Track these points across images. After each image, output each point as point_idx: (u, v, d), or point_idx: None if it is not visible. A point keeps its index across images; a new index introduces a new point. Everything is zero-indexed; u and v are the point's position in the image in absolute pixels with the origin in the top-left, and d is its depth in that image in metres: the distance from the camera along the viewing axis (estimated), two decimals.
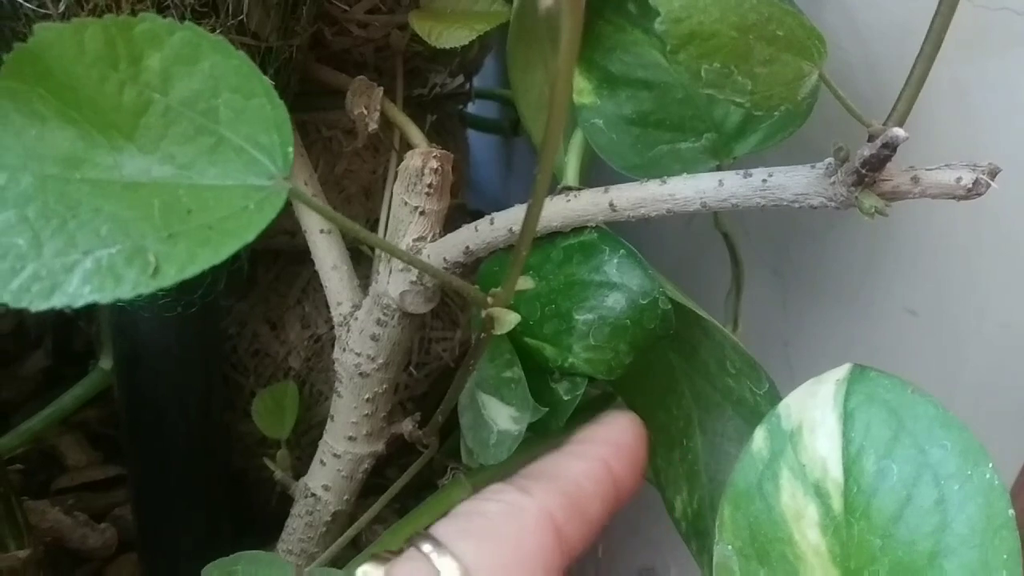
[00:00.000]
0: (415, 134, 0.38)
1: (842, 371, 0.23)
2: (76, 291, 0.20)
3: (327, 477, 0.39)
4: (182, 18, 0.30)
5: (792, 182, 0.28)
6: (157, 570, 0.46)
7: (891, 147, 0.26)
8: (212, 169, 0.22)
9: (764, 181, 0.28)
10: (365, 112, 0.38)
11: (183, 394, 0.41)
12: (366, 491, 0.41)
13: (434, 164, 0.35)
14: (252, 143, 0.22)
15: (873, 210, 0.27)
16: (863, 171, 0.26)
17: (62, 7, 0.29)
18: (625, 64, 0.39)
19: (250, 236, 0.21)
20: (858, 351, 0.51)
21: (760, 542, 0.21)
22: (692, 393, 0.39)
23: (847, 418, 0.21)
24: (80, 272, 0.21)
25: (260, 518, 0.48)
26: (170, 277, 0.21)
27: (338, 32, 0.39)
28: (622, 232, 0.33)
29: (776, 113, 0.35)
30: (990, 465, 0.19)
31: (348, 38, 0.39)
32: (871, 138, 0.26)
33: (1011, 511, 0.18)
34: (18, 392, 0.54)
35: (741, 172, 0.29)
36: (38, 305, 0.20)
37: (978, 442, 0.20)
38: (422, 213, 0.35)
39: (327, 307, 0.40)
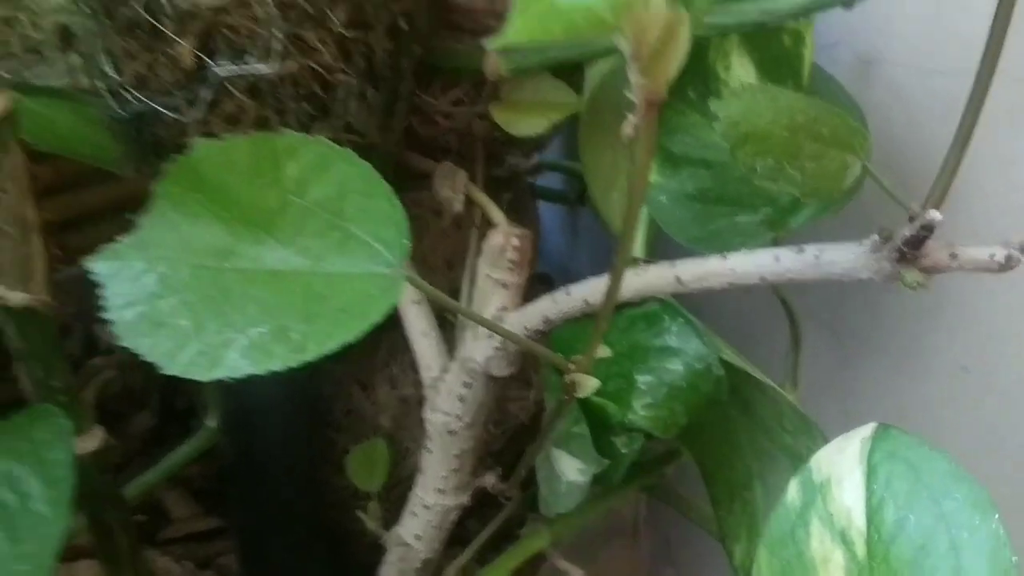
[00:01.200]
0: (495, 213, 0.42)
1: (867, 430, 0.25)
2: (234, 364, 0.24)
3: (418, 527, 0.43)
4: (300, 123, 0.34)
5: (842, 258, 0.31)
6: None
7: (928, 228, 0.29)
8: (341, 260, 0.26)
9: (816, 257, 0.32)
10: (451, 194, 0.42)
11: (286, 449, 0.45)
12: (449, 541, 0.45)
13: (515, 242, 0.38)
14: (374, 237, 0.26)
15: (915, 284, 0.30)
16: (904, 249, 0.30)
17: (197, 114, 0.34)
18: (686, 145, 0.43)
19: (377, 318, 0.25)
20: (912, 407, 0.53)
21: None
22: (752, 448, 0.42)
23: (870, 472, 0.24)
24: (237, 349, 0.25)
25: (352, 567, 0.51)
26: (313, 353, 0.25)
27: (426, 123, 0.43)
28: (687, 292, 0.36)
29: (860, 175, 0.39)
30: (996, 516, 0.22)
31: (435, 128, 0.44)
32: (911, 219, 0.30)
33: (1015, 558, 0.21)
34: (126, 450, 0.58)
35: (795, 248, 0.32)
36: (203, 376, 0.24)
37: (986, 494, 0.22)
38: (504, 286, 0.39)
39: (413, 369, 0.44)
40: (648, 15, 0.18)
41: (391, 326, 0.44)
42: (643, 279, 0.35)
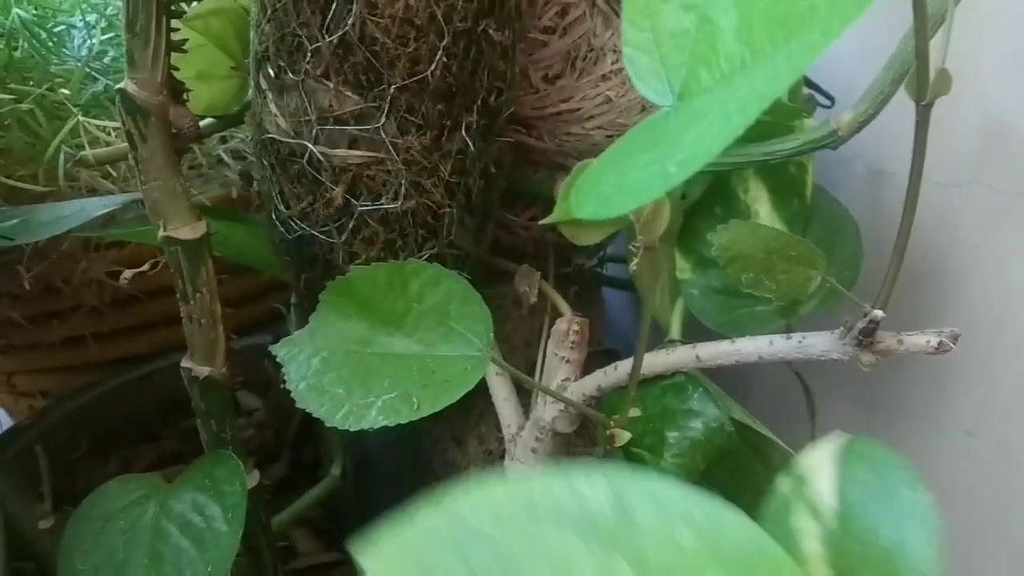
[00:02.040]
0: (562, 304, 0.53)
1: (840, 438, 0.35)
2: (374, 419, 0.36)
3: None
4: (416, 243, 0.46)
5: (818, 343, 0.42)
6: None
7: (875, 322, 0.39)
8: (446, 346, 0.38)
9: (800, 342, 0.42)
10: (528, 290, 0.54)
11: (394, 494, 0.57)
12: None
13: (576, 327, 0.50)
14: (469, 330, 0.38)
15: (870, 365, 0.41)
16: (860, 337, 0.40)
17: (343, 237, 0.46)
18: (711, 251, 0.53)
19: (470, 386, 0.37)
20: (921, 466, 0.62)
21: None
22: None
23: (841, 465, 0.33)
24: (375, 408, 0.36)
25: None
26: (426, 411, 0.36)
27: (509, 234, 0.55)
28: (722, 369, 0.47)
29: (828, 285, 0.49)
30: (926, 491, 0.31)
31: (515, 238, 0.56)
32: (864, 315, 0.40)
33: (939, 522, 0.30)
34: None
35: (785, 335, 0.43)
36: (354, 427, 0.36)
37: (918, 475, 0.32)
38: (567, 361, 0.50)
39: (498, 428, 0.55)
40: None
41: (480, 393, 0.56)
42: (672, 357, 0.46)
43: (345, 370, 0.38)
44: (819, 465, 0.35)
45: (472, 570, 0.24)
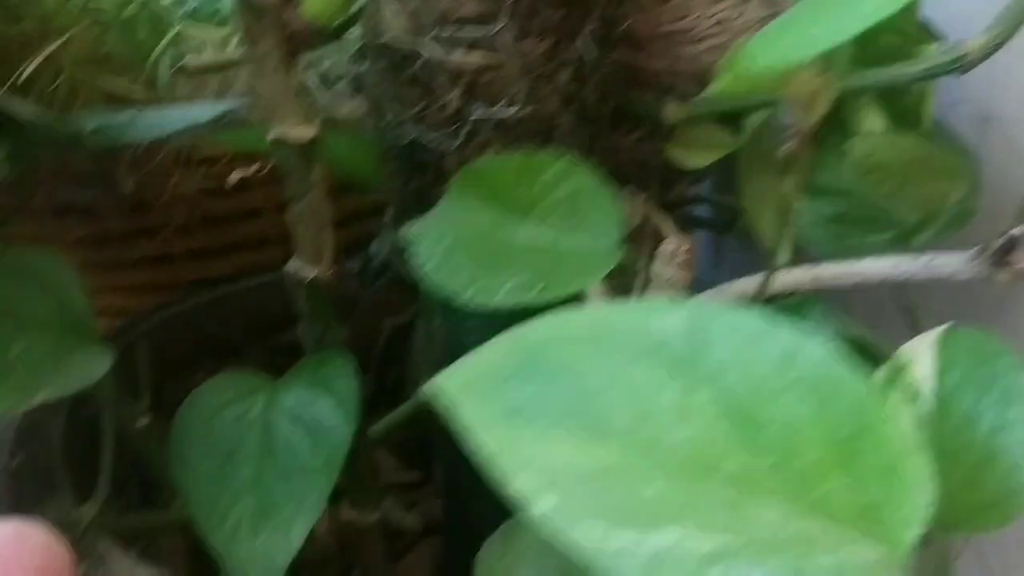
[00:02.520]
0: (667, 227, 0.53)
1: (941, 328, 0.35)
2: (502, 299, 0.36)
3: None
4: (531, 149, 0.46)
5: (950, 262, 0.41)
6: (458, 547, 0.61)
7: (1013, 240, 0.38)
8: (573, 238, 0.38)
9: (929, 262, 0.41)
10: (631, 211, 0.54)
11: None
12: None
13: (685, 247, 0.49)
14: (597, 224, 0.38)
15: (1005, 282, 0.40)
16: (998, 256, 0.39)
17: (457, 143, 0.46)
18: (824, 179, 0.53)
19: (597, 276, 0.36)
20: None
21: None
22: None
23: (942, 353, 0.33)
24: (503, 290, 0.36)
25: None
26: (555, 292, 0.36)
27: (611, 156, 0.55)
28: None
29: (947, 214, 0.49)
30: None
31: (618, 159, 0.55)
32: (1002, 235, 0.39)
33: None
34: None
35: (912, 256, 0.42)
36: (486, 303, 0.36)
37: (1020, 359, 0.31)
38: (672, 284, 0.50)
39: None
40: (805, 79, 0.28)
41: None
42: (792, 276, 0.45)
43: (473, 252, 0.38)
44: (919, 353, 0.34)
45: (545, 398, 0.24)
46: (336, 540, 0.62)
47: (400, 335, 0.74)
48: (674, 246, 0.49)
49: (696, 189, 0.74)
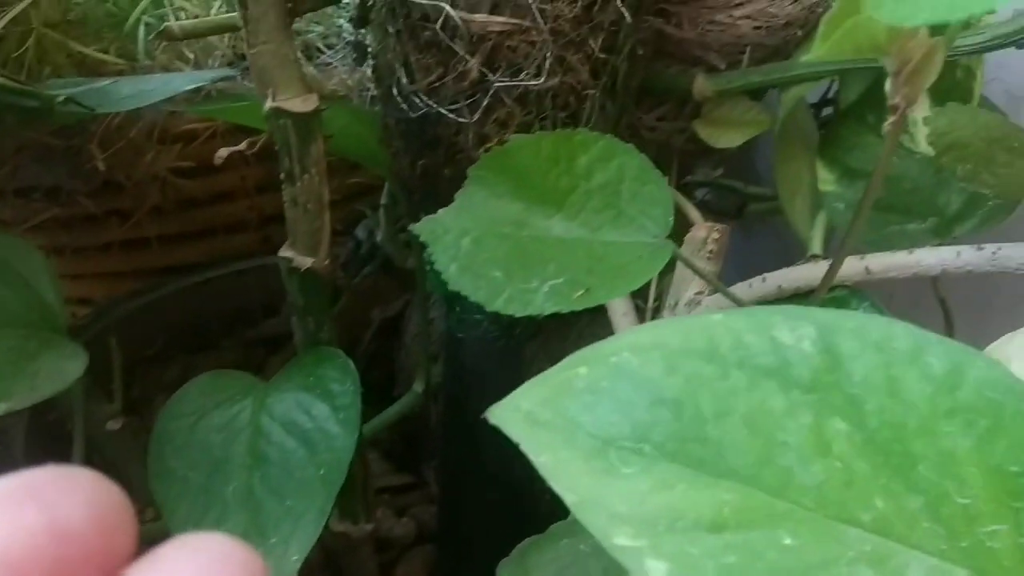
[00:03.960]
0: (693, 212, 0.49)
1: None
2: (541, 305, 0.32)
3: None
4: (553, 127, 0.41)
5: (1017, 254, 0.37)
6: (452, 557, 0.57)
7: None
8: (615, 231, 0.34)
9: (994, 253, 0.37)
10: None
11: (488, 403, 0.52)
12: None
13: (715, 235, 0.45)
14: (643, 213, 0.33)
15: None
16: None
17: (475, 117, 0.41)
18: (862, 161, 0.49)
19: (647, 277, 0.32)
20: None
21: None
22: None
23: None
24: (541, 294, 0.32)
25: (531, 523, 0.58)
26: (600, 298, 0.31)
27: (634, 135, 0.50)
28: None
29: (991, 203, 0.45)
30: None
31: (640, 139, 0.51)
32: None
33: None
34: None
35: (975, 245, 0.38)
36: (519, 312, 0.31)
37: None
38: (702, 275, 0.45)
39: None
40: (915, 41, 0.24)
41: (587, 315, 0.51)
42: (842, 268, 0.41)
43: (500, 253, 0.33)
44: (1013, 351, 0.30)
45: (644, 428, 0.20)
46: (325, 553, 0.57)
47: (389, 327, 0.69)
48: (705, 233, 0.45)
49: (704, 173, 0.70)
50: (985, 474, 0.19)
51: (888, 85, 0.27)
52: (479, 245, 0.33)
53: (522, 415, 0.22)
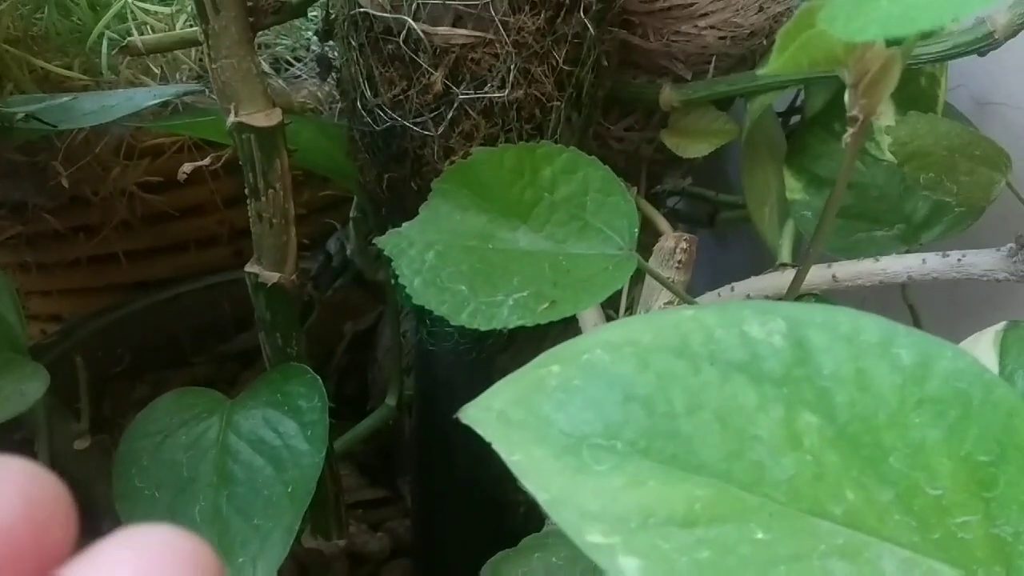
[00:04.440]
0: (662, 222, 0.49)
1: (999, 325, 0.31)
2: (506, 318, 0.31)
3: None
4: (519, 139, 0.41)
5: (981, 261, 0.37)
6: (428, 571, 0.56)
7: None
8: (580, 244, 0.33)
9: (959, 260, 0.38)
10: None
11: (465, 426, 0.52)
12: None
13: (684, 245, 0.45)
14: (608, 226, 0.33)
15: None
16: None
17: (440, 130, 0.41)
18: (829, 169, 0.49)
19: (613, 288, 0.32)
20: None
21: None
22: None
23: (1003, 352, 0.29)
24: (506, 308, 0.32)
25: (510, 531, 0.58)
26: (567, 311, 0.31)
27: (602, 145, 0.50)
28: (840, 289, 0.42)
29: (956, 210, 0.45)
30: None
31: (608, 150, 0.51)
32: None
33: None
34: None
35: (940, 253, 0.38)
36: (484, 326, 0.31)
37: None
38: (670, 286, 0.45)
39: None
40: (872, 53, 0.24)
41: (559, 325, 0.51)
42: (808, 276, 0.41)
43: (465, 266, 0.33)
44: (980, 352, 0.30)
45: (616, 425, 0.20)
46: (300, 569, 0.57)
47: (362, 340, 0.69)
48: (673, 243, 0.45)
49: (673, 182, 0.71)
50: (955, 464, 0.19)
51: (847, 96, 0.27)
52: (443, 259, 0.33)
53: (494, 414, 0.21)
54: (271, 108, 0.42)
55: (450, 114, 0.40)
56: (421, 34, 0.39)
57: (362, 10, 0.40)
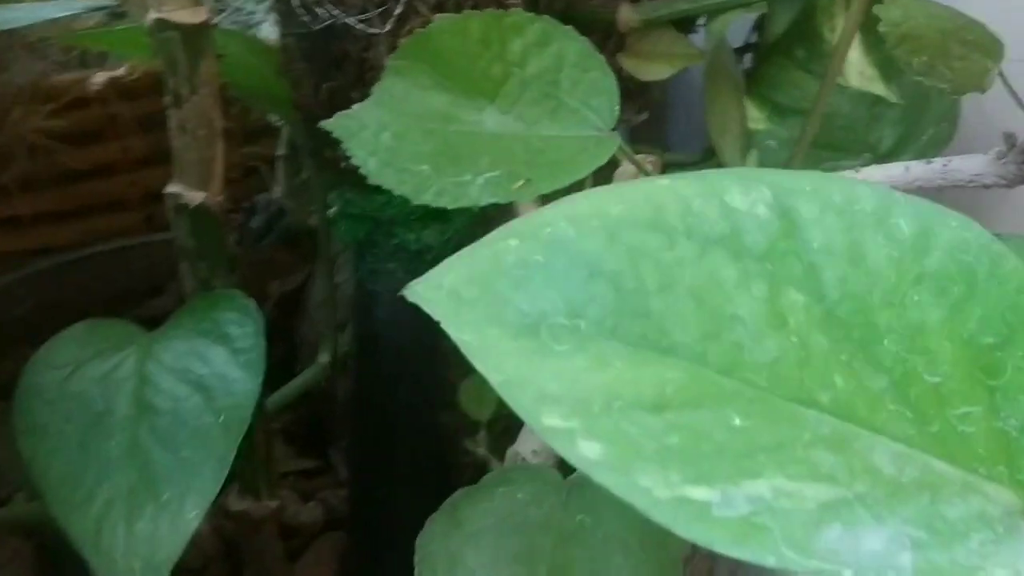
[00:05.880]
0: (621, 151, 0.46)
1: None
2: (477, 196, 0.28)
3: (536, 443, 0.46)
4: None
5: (968, 165, 0.35)
6: (365, 542, 0.52)
7: None
8: (554, 125, 0.30)
9: (944, 166, 0.35)
10: None
11: (408, 382, 0.48)
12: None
13: (648, 168, 0.42)
14: (585, 104, 0.30)
15: None
16: None
17: (388, 27, 0.37)
18: (791, 97, 0.47)
19: (592, 166, 0.29)
20: None
21: None
22: None
23: None
24: (475, 186, 0.28)
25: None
26: (542, 189, 0.28)
27: None
28: None
29: (924, 137, 0.43)
30: None
31: None
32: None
33: None
34: None
35: (924, 160, 0.36)
36: (451, 204, 0.28)
37: None
38: None
39: None
40: None
41: None
42: None
43: (426, 148, 0.29)
44: None
45: (579, 303, 0.18)
46: (222, 539, 0.52)
47: (289, 301, 0.64)
48: (633, 172, 0.42)
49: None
50: (957, 348, 0.17)
51: None
52: (401, 140, 0.29)
53: (444, 292, 0.19)
54: (196, 5, 0.38)
55: (399, 9, 0.37)
56: None
57: None
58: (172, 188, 0.40)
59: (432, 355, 0.49)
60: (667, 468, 0.15)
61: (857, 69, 0.45)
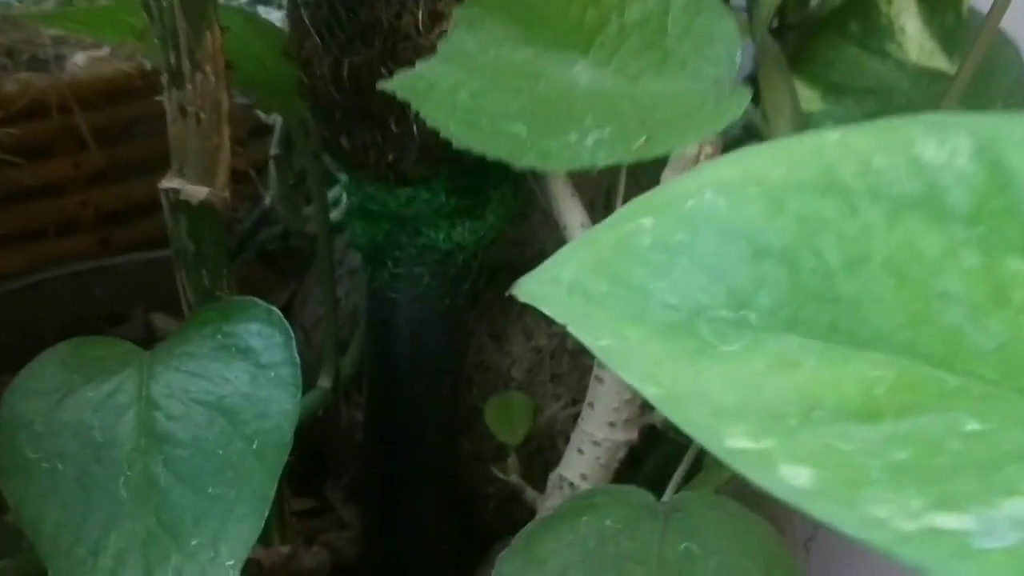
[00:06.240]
0: None
1: None
2: (591, 157, 0.23)
3: (585, 466, 0.40)
4: None
5: None
6: None
7: None
8: (658, 80, 0.25)
9: None
10: None
11: (433, 393, 0.43)
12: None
13: (708, 150, 0.38)
14: (699, 55, 0.25)
15: None
16: None
17: None
18: (846, 75, 0.43)
19: (720, 124, 0.24)
20: None
21: None
22: None
23: None
24: (585, 147, 0.23)
25: (478, 532, 0.48)
26: (665, 147, 0.23)
27: None
28: None
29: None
30: None
31: None
32: None
33: None
34: None
35: None
36: (561, 167, 0.23)
37: None
38: None
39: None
40: None
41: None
42: None
43: (513, 107, 0.24)
44: None
45: (740, 292, 0.15)
46: None
47: None
48: (696, 150, 0.38)
49: None
50: None
51: None
52: (481, 99, 0.24)
53: (565, 288, 0.16)
54: None
55: None
56: None
57: None
58: (169, 183, 0.34)
59: (457, 374, 0.44)
60: (903, 492, 0.12)
61: (917, 42, 0.42)
